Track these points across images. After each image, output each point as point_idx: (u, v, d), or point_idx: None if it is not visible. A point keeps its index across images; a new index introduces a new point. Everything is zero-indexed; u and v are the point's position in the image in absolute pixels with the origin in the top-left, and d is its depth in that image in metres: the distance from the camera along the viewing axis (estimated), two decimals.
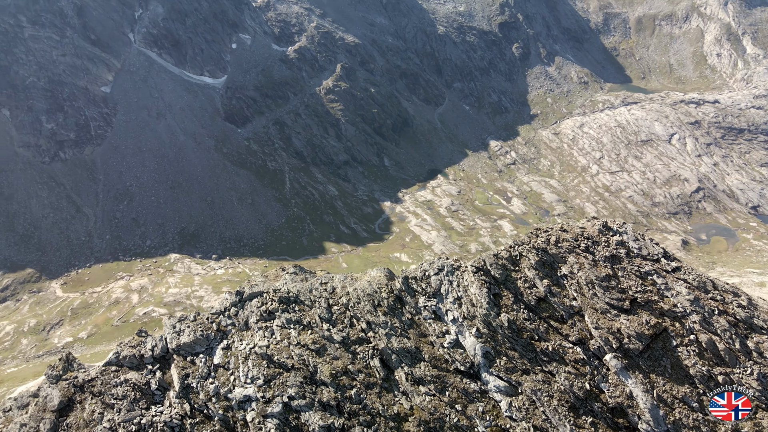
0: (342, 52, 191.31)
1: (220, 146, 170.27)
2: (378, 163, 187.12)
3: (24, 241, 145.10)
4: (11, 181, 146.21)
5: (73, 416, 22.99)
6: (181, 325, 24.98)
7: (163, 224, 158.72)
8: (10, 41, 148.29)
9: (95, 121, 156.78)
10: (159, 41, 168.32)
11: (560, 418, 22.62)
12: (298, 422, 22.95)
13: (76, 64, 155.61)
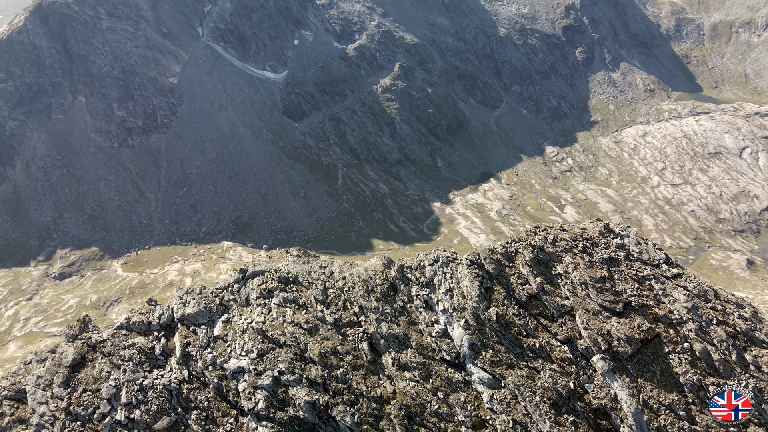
0: (401, 51, 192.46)
1: (277, 139, 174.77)
2: (430, 164, 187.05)
3: (91, 221, 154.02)
4: (83, 163, 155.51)
5: (84, 372, 25.05)
6: (187, 297, 26.66)
7: (218, 212, 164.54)
8: (89, 32, 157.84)
9: (162, 110, 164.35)
10: (225, 36, 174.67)
11: (541, 414, 22.74)
12: (285, 396, 24.08)
13: (147, 56, 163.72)
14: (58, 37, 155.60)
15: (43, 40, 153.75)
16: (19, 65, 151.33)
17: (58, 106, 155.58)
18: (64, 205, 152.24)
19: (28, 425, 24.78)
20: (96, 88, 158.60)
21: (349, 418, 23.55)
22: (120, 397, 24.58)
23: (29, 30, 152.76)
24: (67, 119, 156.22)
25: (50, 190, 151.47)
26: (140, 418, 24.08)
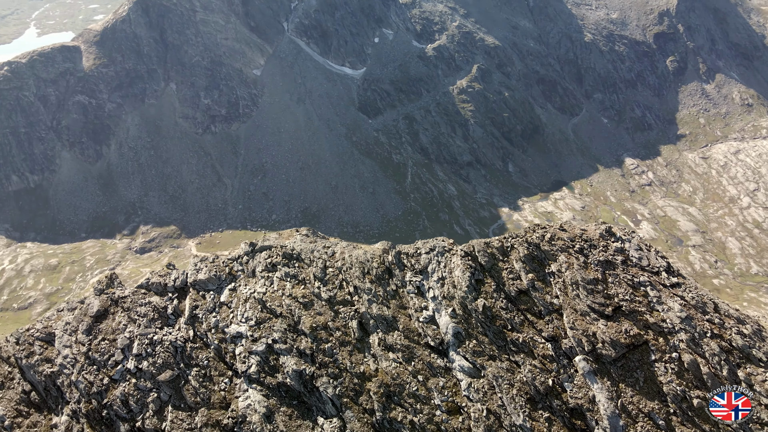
0: (480, 53, 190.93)
1: (351, 134, 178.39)
2: (501, 168, 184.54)
3: (172, 201, 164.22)
4: (169, 147, 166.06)
5: (104, 323, 27.84)
6: (201, 265, 28.86)
7: (289, 201, 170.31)
8: (184, 23, 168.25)
9: (244, 100, 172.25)
10: (308, 31, 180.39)
11: (516, 407, 22.94)
12: (276, 363, 25.65)
13: (235, 48, 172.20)
14: (156, 27, 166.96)
15: (143, 30, 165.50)
16: (120, 52, 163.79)
17: (152, 92, 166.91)
18: (149, 184, 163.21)
19: (53, 365, 27.91)
20: (186, 77, 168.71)
21: (331, 390, 24.77)
22: (132, 348, 27.15)
23: (131, 19, 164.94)
24: (159, 104, 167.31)
25: (138, 170, 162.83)
26: (147, 369, 26.49)
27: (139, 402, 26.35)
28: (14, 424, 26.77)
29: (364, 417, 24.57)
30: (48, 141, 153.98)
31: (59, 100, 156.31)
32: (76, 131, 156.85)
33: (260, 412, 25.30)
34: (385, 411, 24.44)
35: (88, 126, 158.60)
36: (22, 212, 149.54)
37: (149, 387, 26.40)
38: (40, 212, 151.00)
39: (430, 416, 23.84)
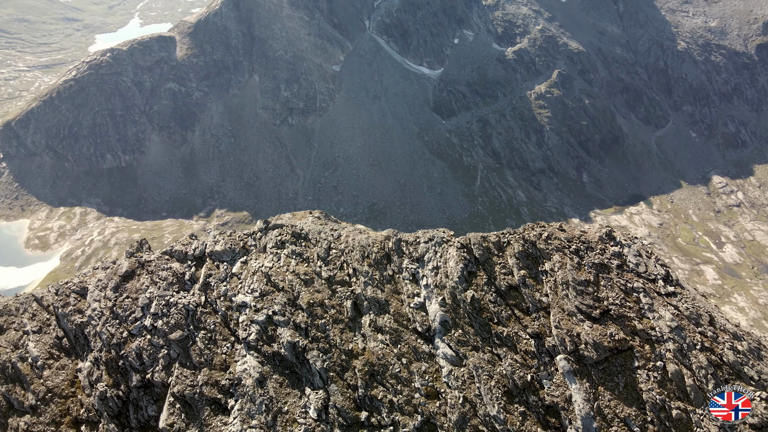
0: (562, 58, 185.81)
1: (423, 134, 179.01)
2: (575, 178, 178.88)
3: (246, 188, 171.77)
4: (248, 135, 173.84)
5: (130, 283, 30.54)
6: (219, 237, 30.98)
7: (357, 196, 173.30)
8: (270, 18, 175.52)
9: (322, 95, 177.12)
10: (389, 30, 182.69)
11: (492, 398, 23.19)
12: (273, 333, 27.20)
13: (316, 43, 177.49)
14: (245, 21, 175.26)
15: (233, 23, 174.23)
16: (210, 44, 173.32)
17: (236, 83, 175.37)
18: (227, 170, 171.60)
19: (83, 315, 30.96)
20: (269, 69, 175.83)
21: (320, 363, 25.97)
22: (150, 308, 29.63)
23: (223, 13, 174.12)
24: (242, 95, 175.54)
25: (218, 156, 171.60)
26: (161, 327, 28.85)
27: (151, 356, 28.79)
28: (45, 364, 30.08)
29: (347, 392, 25.64)
30: (140, 124, 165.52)
31: (153, 87, 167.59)
32: (165, 116, 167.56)
33: (254, 377, 26.95)
34: (367, 388, 25.41)
35: (176, 112, 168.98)
36: (113, 189, 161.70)
37: (161, 344, 28.77)
38: (128, 190, 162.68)
39: (408, 398, 24.56)
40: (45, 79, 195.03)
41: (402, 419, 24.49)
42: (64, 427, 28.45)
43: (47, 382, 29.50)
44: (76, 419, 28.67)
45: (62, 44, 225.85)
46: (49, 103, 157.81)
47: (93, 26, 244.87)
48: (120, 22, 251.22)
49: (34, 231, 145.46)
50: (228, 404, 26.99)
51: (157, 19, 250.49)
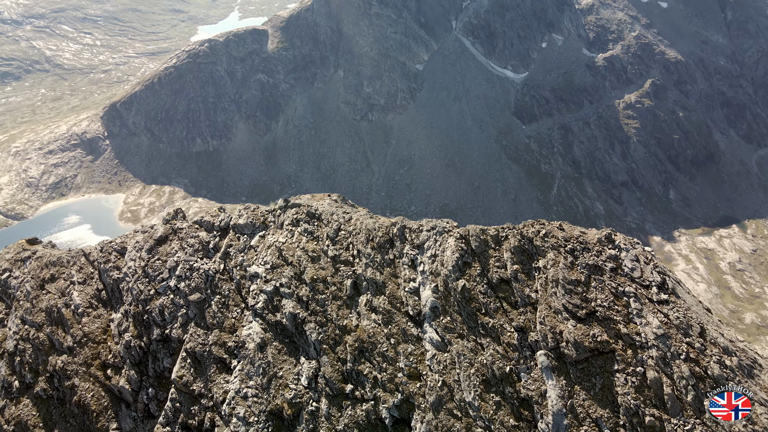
0: (657, 67, 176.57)
1: (501, 138, 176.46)
2: (661, 194, 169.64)
3: (323, 179, 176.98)
4: (328, 129, 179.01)
5: (162, 247, 33.37)
6: (243, 212, 33.14)
7: (429, 195, 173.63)
8: (359, 15, 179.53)
9: (403, 92, 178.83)
10: (475, 31, 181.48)
11: (470, 384, 23.62)
12: (278, 304, 28.90)
13: (402, 42, 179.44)
14: (334, 17, 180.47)
15: (323, 19, 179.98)
16: (300, 38, 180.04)
17: (321, 77, 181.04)
18: (305, 161, 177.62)
19: (120, 272, 34.15)
20: (354, 65, 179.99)
21: (315, 335, 27.38)
22: (176, 270, 32.22)
23: (314, 9, 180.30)
24: (325, 88, 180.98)
25: (298, 147, 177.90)
26: (182, 289, 31.37)
27: (171, 314, 31.38)
28: (85, 312, 33.55)
29: (337, 365, 26.86)
30: (229, 112, 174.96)
31: (243, 77, 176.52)
32: (253, 105, 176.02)
33: (256, 342, 28.79)
34: (355, 363, 26.50)
35: (263, 102, 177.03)
36: (200, 171, 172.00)
37: (181, 304, 31.30)
38: (213, 173, 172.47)
39: (392, 376, 25.42)
40: (150, 66, 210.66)
41: (383, 396, 25.38)
42: (93, 368, 31.79)
43: (84, 328, 32.98)
44: (104, 363, 31.93)
45: (168, 34, 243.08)
46: (150, 87, 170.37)
47: (197, 18, 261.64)
48: (221, 15, 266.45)
49: (127, 205, 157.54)
50: (231, 364, 29.08)
51: (255, 13, 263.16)
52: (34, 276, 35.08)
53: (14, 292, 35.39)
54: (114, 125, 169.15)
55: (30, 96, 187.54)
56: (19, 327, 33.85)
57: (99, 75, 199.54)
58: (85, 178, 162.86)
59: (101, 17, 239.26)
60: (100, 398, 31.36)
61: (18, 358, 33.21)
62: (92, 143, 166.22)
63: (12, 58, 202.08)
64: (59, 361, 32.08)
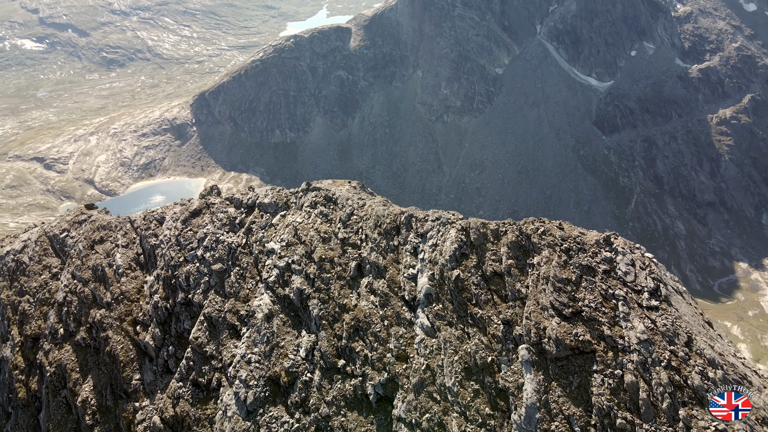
0: (759, 81, 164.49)
1: (578, 147, 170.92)
2: (752, 217, 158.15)
3: (393, 177, 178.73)
4: (403, 128, 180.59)
5: (195, 219, 35.90)
6: (269, 191, 35.02)
7: (499, 201, 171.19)
8: (442, 16, 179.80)
9: (480, 96, 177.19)
10: (560, 36, 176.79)
11: (452, 371, 24.11)
12: (288, 279, 30.45)
13: (483, 45, 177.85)
14: (417, 18, 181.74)
15: (406, 19, 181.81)
16: (381, 37, 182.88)
17: (400, 76, 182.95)
18: (378, 158, 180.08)
19: (157, 239, 37.01)
20: (432, 66, 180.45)
21: (317, 311, 28.70)
22: (204, 241, 34.56)
23: (398, 9, 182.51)
24: (403, 88, 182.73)
25: (372, 144, 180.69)
26: (207, 259, 33.68)
27: (195, 281, 33.75)
28: (124, 273, 36.72)
29: (333, 340, 28.04)
30: (308, 106, 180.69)
31: (324, 72, 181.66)
32: (331, 101, 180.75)
33: (264, 312, 30.48)
34: (349, 340, 27.58)
35: (341, 98, 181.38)
36: (276, 161, 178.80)
37: (205, 272, 33.58)
38: (288, 164, 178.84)
39: (381, 356, 26.26)
40: (240, 58, 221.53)
41: (371, 373, 26.27)
42: (125, 324, 34.83)
43: (122, 287, 36.14)
44: (135, 320, 34.89)
45: (259, 29, 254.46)
46: (237, 79, 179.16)
47: (287, 14, 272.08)
48: (310, 12, 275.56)
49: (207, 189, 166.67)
50: (241, 331, 30.95)
51: (343, 11, 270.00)
52: (86, 237, 38.85)
53: (69, 250, 39.35)
54: (201, 113, 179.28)
55: (131, 82, 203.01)
56: (69, 281, 37.68)
57: (193, 65, 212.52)
58: (172, 161, 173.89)
59: (200, 11, 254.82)
60: (128, 351, 34.34)
61: (65, 308, 36.99)
62: (181, 129, 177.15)
63: (118, 46, 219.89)
64: (98, 315, 35.44)
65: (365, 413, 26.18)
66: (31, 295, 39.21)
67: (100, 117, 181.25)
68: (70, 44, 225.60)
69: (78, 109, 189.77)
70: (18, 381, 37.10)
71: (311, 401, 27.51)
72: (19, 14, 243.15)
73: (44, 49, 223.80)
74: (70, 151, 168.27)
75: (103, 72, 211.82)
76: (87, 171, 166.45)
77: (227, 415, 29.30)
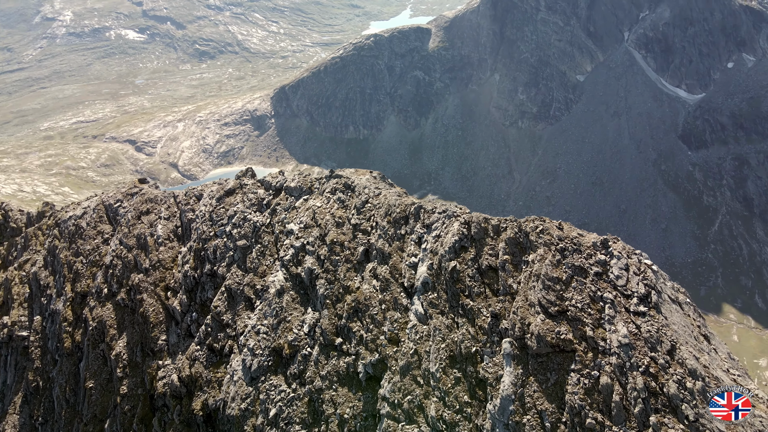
0: None
1: (660, 162, 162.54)
2: None
3: (462, 180, 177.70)
4: (475, 131, 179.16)
5: (228, 198, 38.10)
6: (296, 176, 36.47)
7: (569, 212, 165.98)
8: (525, 20, 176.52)
9: (558, 103, 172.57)
10: (650, 44, 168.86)
11: (437, 357, 24.55)
12: (302, 259, 31.82)
13: (565, 50, 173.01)
14: (498, 21, 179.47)
15: (487, 22, 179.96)
16: (461, 39, 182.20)
17: (476, 79, 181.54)
18: (448, 160, 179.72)
19: (193, 214, 39.55)
20: (511, 70, 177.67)
21: (323, 290, 29.90)
22: (233, 218, 36.60)
23: (480, 11, 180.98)
24: (479, 91, 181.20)
25: (443, 145, 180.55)
26: (234, 234, 35.75)
27: (221, 255, 35.83)
28: (163, 243, 39.48)
29: (334, 319, 29.13)
30: (383, 104, 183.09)
31: (401, 72, 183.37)
32: (406, 101, 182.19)
33: (276, 288, 32.02)
34: (348, 320, 28.57)
35: (416, 98, 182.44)
36: (348, 156, 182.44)
37: (230, 247, 35.57)
38: (359, 160, 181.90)
39: (375, 337, 27.07)
40: (322, 55, 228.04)
41: (364, 353, 27.08)
42: (159, 289, 37.53)
43: (159, 255, 38.89)
44: (167, 286, 37.52)
45: (342, 27, 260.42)
46: (316, 74, 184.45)
47: (371, 14, 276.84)
48: (394, 12, 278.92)
49: (242, 171, 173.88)
50: (255, 303, 32.63)
51: (426, 12, 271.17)
52: (135, 208, 42.09)
53: (120, 219, 42.77)
54: (280, 106, 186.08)
55: (219, 74, 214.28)
56: (116, 246, 40.98)
57: (278, 60, 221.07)
58: (250, 150, 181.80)
59: (288, 8, 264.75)
60: (158, 314, 36.98)
61: (110, 271, 40.29)
62: (260, 120, 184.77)
63: (211, 39, 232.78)
64: (137, 279, 38.39)
65: (354, 390, 27.11)
66: (84, 257, 43.01)
67: (188, 105, 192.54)
68: (167, 36, 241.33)
69: (170, 96, 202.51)
70: (65, 332, 40.87)
71: (308, 374, 28.74)
72: (125, 6, 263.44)
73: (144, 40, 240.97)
74: (159, 135, 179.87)
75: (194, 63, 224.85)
76: (172, 155, 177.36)
77: (233, 379, 31.11)
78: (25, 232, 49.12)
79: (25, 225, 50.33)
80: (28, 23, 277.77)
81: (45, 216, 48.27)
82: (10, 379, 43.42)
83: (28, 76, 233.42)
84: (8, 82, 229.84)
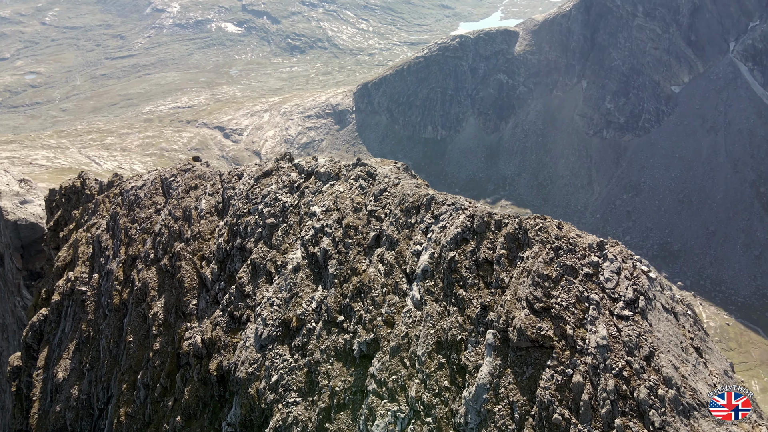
0: None
1: (760, 183, 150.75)
2: None
3: (538, 188, 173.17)
4: (556, 138, 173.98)
5: (265, 179, 40.02)
6: (324, 162, 37.73)
7: (650, 229, 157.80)
8: (619, 26, 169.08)
9: (648, 114, 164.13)
10: (759, 56, 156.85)
11: (424, 342, 25.04)
12: (319, 239, 33.07)
13: (661, 59, 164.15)
14: (590, 26, 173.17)
15: (578, 26, 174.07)
16: (548, 43, 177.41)
17: (562, 85, 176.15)
18: (525, 166, 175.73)
19: (233, 191, 41.93)
20: (599, 78, 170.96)
21: (333, 270, 31.01)
22: (266, 198, 38.55)
23: (571, 15, 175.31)
24: (564, 98, 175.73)
25: (521, 151, 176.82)
26: (264, 213, 37.64)
27: (251, 231, 37.77)
28: (205, 216, 42.21)
29: (338, 298, 30.21)
30: (463, 106, 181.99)
31: (484, 74, 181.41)
32: (487, 103, 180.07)
33: (293, 265, 33.50)
34: (351, 300, 29.55)
35: (497, 101, 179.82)
36: (424, 156, 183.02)
37: (260, 224, 37.45)
38: (435, 160, 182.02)
39: (372, 318, 27.89)
40: (408, 54, 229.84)
41: (361, 332, 27.96)
42: (195, 258, 40.31)
43: (200, 227, 41.61)
44: (203, 256, 40.20)
45: (431, 27, 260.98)
46: (399, 73, 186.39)
47: (461, 15, 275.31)
48: (484, 14, 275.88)
49: (280, 154, 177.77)
50: (274, 278, 34.30)
51: (517, 15, 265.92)
52: (186, 183, 45.26)
53: (172, 192, 46.16)
54: (362, 102, 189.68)
55: (307, 68, 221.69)
56: (165, 217, 44.29)
57: (364, 57, 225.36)
58: (329, 143, 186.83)
59: (378, 6, 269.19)
60: (192, 280, 39.65)
61: (158, 238, 43.60)
62: (341, 115, 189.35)
63: (302, 34, 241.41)
64: (178, 247, 41.35)
65: (348, 365, 28.15)
66: (138, 224, 46.78)
67: (275, 97, 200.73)
68: (263, 30, 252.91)
69: (260, 87, 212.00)
70: (116, 290, 44.78)
71: (309, 347, 30.04)
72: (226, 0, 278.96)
73: (242, 33, 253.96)
74: (246, 124, 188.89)
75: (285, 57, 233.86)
76: (256, 143, 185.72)
77: (245, 345, 33.00)
78: (95, 199, 54.10)
79: (97, 192, 55.40)
80: (140, 13, 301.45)
81: (113, 185, 52.96)
82: (68, 328, 48.12)
83: (136, 63, 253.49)
84: (119, 67, 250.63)
